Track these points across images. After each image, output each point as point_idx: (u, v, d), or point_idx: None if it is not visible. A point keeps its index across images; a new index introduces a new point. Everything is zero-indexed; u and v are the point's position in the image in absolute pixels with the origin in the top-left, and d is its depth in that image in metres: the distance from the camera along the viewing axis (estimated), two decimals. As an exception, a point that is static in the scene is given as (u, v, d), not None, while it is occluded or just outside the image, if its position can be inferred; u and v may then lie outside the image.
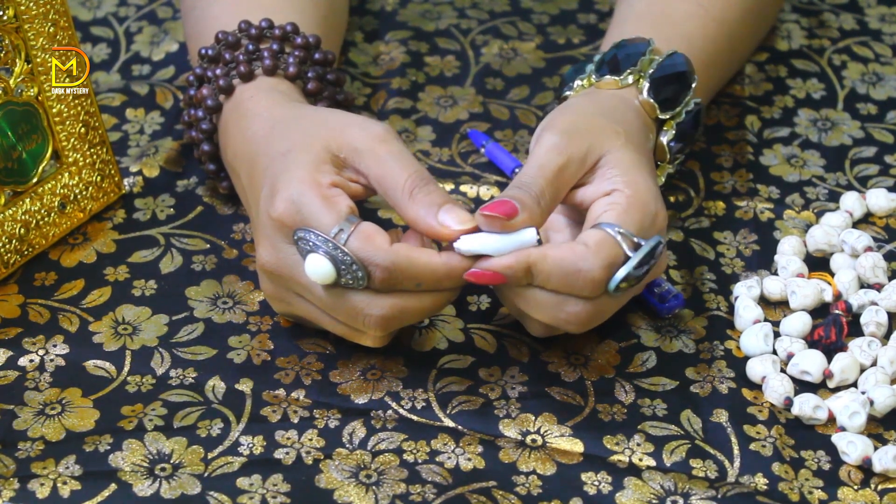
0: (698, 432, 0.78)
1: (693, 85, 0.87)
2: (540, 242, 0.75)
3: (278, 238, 0.77)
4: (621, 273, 0.75)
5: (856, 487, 0.76)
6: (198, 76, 0.88)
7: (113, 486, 0.74)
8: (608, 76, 0.86)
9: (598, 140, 0.79)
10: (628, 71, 0.85)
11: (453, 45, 1.05)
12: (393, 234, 0.77)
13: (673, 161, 0.88)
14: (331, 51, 0.89)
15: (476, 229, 0.75)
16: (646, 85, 0.85)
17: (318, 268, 0.74)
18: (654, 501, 0.74)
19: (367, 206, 0.90)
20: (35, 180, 0.87)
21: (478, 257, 0.75)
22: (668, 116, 0.86)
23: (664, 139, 0.86)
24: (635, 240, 0.75)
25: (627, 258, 0.75)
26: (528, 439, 0.77)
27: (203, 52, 0.88)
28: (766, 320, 0.84)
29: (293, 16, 0.89)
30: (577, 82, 0.87)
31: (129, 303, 0.85)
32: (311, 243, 0.75)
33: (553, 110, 0.83)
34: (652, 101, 0.85)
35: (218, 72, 0.86)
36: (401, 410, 0.79)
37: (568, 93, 0.87)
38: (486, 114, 0.99)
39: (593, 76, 0.86)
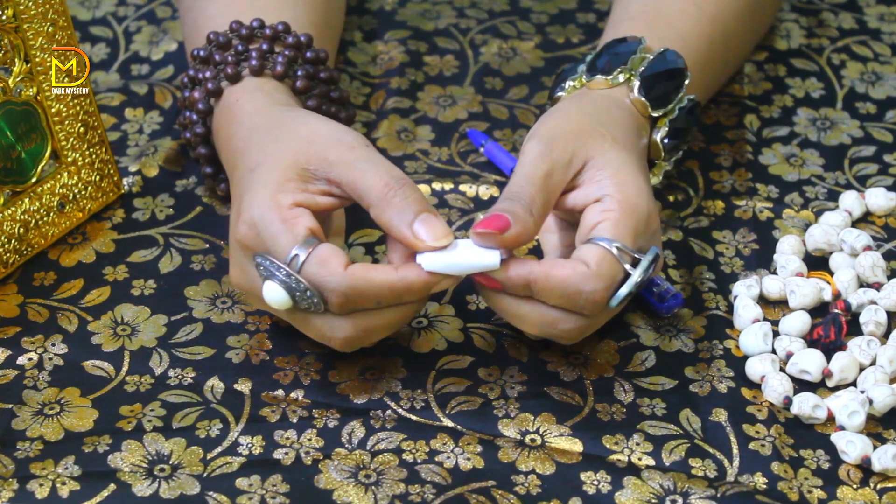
0: (697, 431, 0.78)
1: (686, 81, 0.87)
2: (504, 261, 0.74)
3: (244, 260, 0.77)
4: (623, 291, 0.75)
5: (855, 486, 0.76)
6: (191, 78, 0.88)
7: (112, 487, 0.74)
8: (599, 76, 0.85)
9: (583, 143, 0.79)
10: (619, 70, 0.85)
11: (452, 45, 1.05)
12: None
13: (669, 159, 0.88)
14: (323, 49, 0.89)
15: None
16: (636, 83, 0.85)
17: (273, 295, 0.74)
18: (653, 501, 0.74)
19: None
20: (34, 180, 0.87)
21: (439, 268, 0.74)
22: (660, 114, 0.86)
23: (657, 136, 0.86)
24: (634, 254, 0.76)
25: (627, 274, 0.75)
26: (528, 439, 0.77)
27: (195, 53, 0.88)
28: (765, 319, 0.84)
29: (286, 15, 0.89)
30: (569, 83, 0.87)
31: (128, 302, 0.85)
32: (267, 270, 0.74)
33: (539, 117, 0.84)
34: (643, 98, 0.85)
35: (208, 74, 0.86)
36: (400, 410, 0.79)
37: (560, 94, 0.87)
38: (486, 113, 0.99)
39: (584, 76, 0.86)
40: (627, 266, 0.75)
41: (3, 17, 0.83)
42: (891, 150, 0.97)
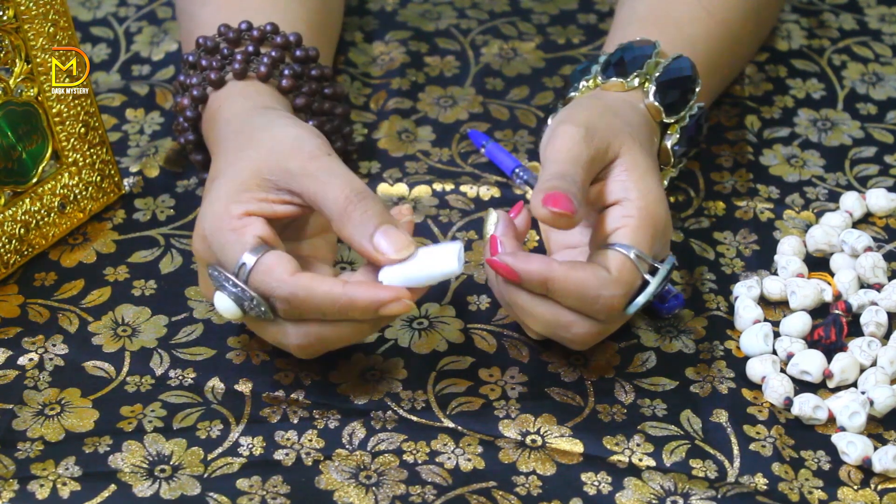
0: (698, 432, 0.78)
1: (697, 89, 0.87)
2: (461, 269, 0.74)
3: (204, 271, 0.77)
4: (641, 299, 0.76)
5: (856, 487, 0.76)
6: (180, 84, 0.88)
7: (113, 487, 0.74)
8: (614, 78, 0.85)
9: (615, 139, 0.78)
10: (634, 74, 0.85)
11: (453, 46, 1.05)
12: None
13: (677, 165, 0.88)
14: (313, 46, 0.89)
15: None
16: (651, 88, 0.85)
17: (223, 305, 0.75)
18: (653, 502, 0.74)
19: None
20: (35, 180, 0.87)
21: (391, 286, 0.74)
22: (672, 120, 0.86)
23: (668, 143, 0.86)
24: (653, 263, 0.76)
25: (645, 282, 0.75)
26: (528, 440, 0.77)
27: (185, 58, 0.88)
28: (765, 320, 0.84)
29: (277, 16, 0.89)
30: (583, 83, 0.87)
31: (128, 303, 0.85)
32: (217, 281, 0.74)
33: (567, 107, 0.83)
34: (658, 104, 0.85)
35: (194, 80, 0.86)
36: (400, 411, 0.79)
37: (573, 94, 0.87)
38: (486, 114, 0.99)
39: (599, 77, 0.86)
40: (647, 275, 0.75)
41: (4, 18, 0.83)
42: (891, 151, 0.97)
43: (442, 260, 0.74)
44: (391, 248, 0.73)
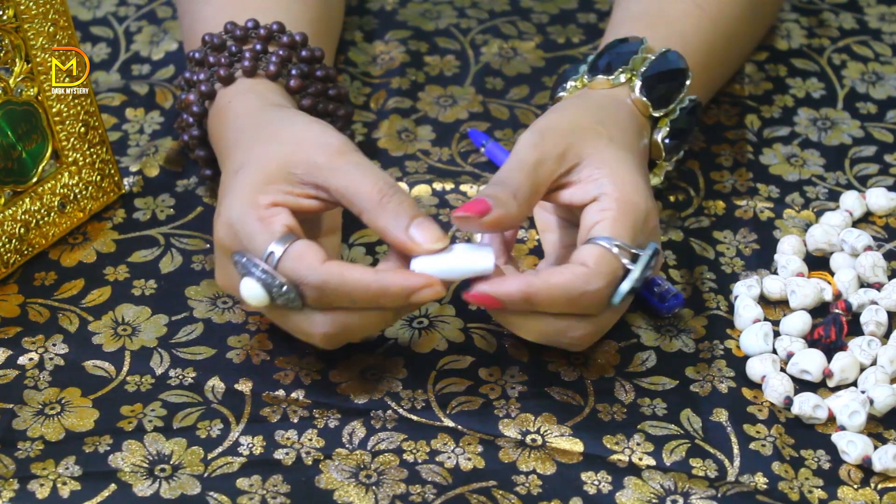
0: (698, 432, 0.78)
1: (687, 82, 0.87)
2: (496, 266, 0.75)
3: (225, 260, 0.77)
4: (625, 286, 0.75)
5: (856, 486, 0.76)
6: (186, 80, 0.88)
7: (113, 487, 0.74)
8: (600, 76, 0.85)
9: (579, 140, 0.78)
10: (620, 70, 0.85)
11: (453, 45, 1.05)
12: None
13: (670, 159, 0.88)
14: (319, 47, 0.89)
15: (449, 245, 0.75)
16: (637, 83, 0.85)
17: (250, 292, 0.74)
18: (654, 501, 0.74)
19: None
20: (35, 180, 0.87)
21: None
22: (661, 114, 0.86)
23: (658, 137, 0.86)
24: (632, 250, 0.75)
25: (627, 270, 0.75)
26: (528, 439, 0.77)
27: (191, 55, 0.88)
28: (765, 319, 0.84)
29: (281, 15, 0.89)
30: (571, 83, 0.87)
31: (128, 302, 0.85)
32: (244, 267, 0.74)
33: (546, 111, 0.84)
34: (644, 99, 0.85)
35: (201, 76, 0.86)
36: (400, 410, 0.79)
37: (561, 94, 0.87)
38: (486, 113, 0.99)
39: (585, 76, 0.86)
40: (626, 262, 0.75)
41: (4, 17, 0.83)
42: (891, 151, 0.97)
43: (476, 256, 0.75)
44: (426, 239, 0.74)
